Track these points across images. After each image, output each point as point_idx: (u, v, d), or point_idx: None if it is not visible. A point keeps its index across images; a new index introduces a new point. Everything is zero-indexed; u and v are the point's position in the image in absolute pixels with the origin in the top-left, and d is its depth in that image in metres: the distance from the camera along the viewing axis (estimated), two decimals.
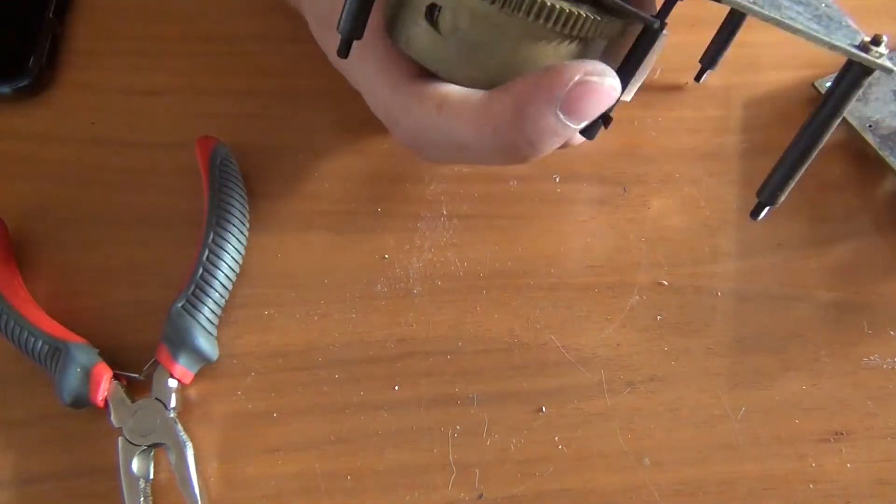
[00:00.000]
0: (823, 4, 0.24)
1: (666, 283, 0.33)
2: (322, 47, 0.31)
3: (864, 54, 0.23)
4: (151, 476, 0.29)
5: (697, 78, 0.36)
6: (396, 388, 0.31)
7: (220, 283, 0.31)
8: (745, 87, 0.38)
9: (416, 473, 0.30)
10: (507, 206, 0.35)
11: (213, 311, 0.31)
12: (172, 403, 0.30)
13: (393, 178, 0.36)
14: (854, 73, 0.23)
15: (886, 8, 0.40)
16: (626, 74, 0.24)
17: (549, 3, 0.22)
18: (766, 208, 0.26)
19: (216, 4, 0.41)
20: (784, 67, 0.39)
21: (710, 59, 0.35)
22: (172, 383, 0.30)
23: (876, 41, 0.23)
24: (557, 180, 0.36)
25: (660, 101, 0.38)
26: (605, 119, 0.25)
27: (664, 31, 0.24)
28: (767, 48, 0.39)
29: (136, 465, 0.29)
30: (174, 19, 0.40)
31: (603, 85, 0.23)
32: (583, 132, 0.25)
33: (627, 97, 0.26)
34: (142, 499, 0.29)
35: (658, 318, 0.33)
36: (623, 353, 0.32)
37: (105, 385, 0.30)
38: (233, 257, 0.32)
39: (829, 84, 0.37)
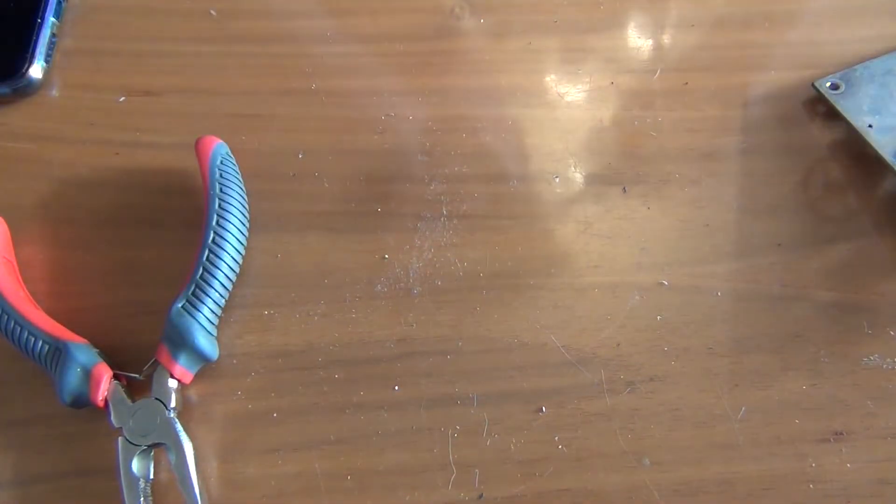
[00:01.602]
0: None
1: (666, 283, 0.33)
2: None
3: None
4: (151, 476, 0.29)
5: None
6: (396, 388, 0.31)
7: (220, 283, 0.31)
8: (745, 87, 0.38)
9: (416, 473, 0.30)
10: (507, 206, 0.35)
11: (213, 311, 0.31)
12: (172, 403, 0.30)
13: (393, 178, 0.36)
14: None
15: (886, 8, 0.41)
16: None
17: None
18: None
19: (216, 4, 0.41)
20: (784, 67, 0.39)
21: None
22: (172, 383, 0.30)
23: None
24: (557, 180, 0.36)
25: (660, 101, 0.38)
26: None
27: None
28: (767, 48, 0.39)
29: (136, 465, 0.29)
30: (174, 19, 0.40)
31: None
32: None
33: None
34: (142, 499, 0.29)
35: (658, 318, 0.33)
36: (623, 353, 0.32)
37: (105, 385, 0.30)
38: (232, 257, 0.32)
39: (828, 84, 0.37)
